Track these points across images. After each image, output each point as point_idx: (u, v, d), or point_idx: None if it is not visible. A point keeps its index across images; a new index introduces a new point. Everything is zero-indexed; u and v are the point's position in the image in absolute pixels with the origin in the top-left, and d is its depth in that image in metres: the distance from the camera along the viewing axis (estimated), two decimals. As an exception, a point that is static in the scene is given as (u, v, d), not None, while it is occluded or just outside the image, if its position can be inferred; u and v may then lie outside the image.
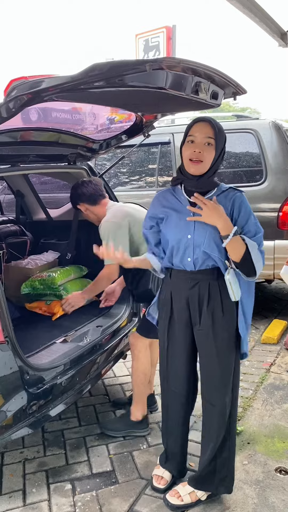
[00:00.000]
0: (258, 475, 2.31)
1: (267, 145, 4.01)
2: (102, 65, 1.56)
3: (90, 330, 2.67)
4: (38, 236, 3.54)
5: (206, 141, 1.83)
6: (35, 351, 2.41)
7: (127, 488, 2.26)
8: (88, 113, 3.06)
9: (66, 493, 2.24)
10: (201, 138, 1.83)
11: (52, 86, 1.66)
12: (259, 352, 3.81)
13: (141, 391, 2.65)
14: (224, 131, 1.90)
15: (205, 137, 1.83)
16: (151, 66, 1.59)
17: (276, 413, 2.86)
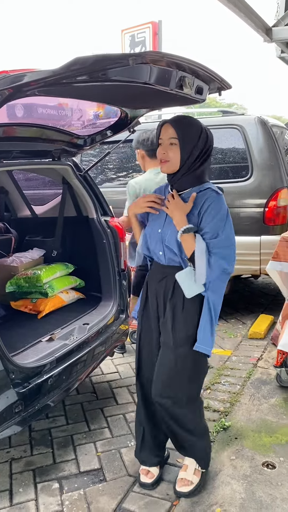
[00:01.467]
0: (246, 470, 2.32)
1: (253, 140, 4.01)
2: (84, 59, 1.53)
3: (76, 328, 2.65)
4: (23, 233, 3.50)
5: (170, 142, 1.91)
6: (21, 350, 2.39)
7: (115, 485, 2.25)
8: (74, 109, 3.03)
9: (54, 492, 2.23)
10: (166, 140, 1.92)
11: (33, 80, 1.63)
12: (246, 347, 3.82)
13: None
14: (196, 131, 1.93)
15: (168, 138, 1.91)
16: (134, 60, 1.57)
17: (264, 407, 2.87)
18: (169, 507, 2.09)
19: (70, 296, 3.08)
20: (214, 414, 2.82)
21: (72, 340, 2.51)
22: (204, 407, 2.86)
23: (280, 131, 4.44)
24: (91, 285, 3.17)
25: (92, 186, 3.02)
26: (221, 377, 3.29)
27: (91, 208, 3.00)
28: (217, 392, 3.08)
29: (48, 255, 3.33)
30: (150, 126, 4.63)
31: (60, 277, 3.09)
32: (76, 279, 3.19)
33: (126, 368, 3.49)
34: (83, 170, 3.02)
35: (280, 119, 6.83)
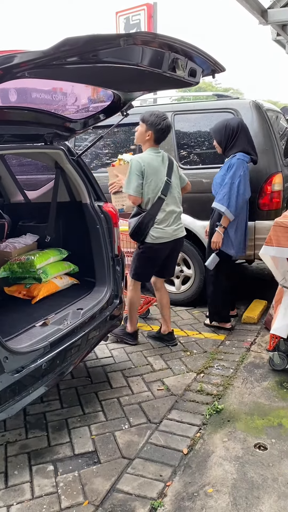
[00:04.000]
0: (238, 451, 2.35)
1: (248, 125, 3.96)
2: (75, 39, 1.51)
3: (70, 313, 2.66)
4: (16, 218, 3.48)
5: None
6: (15, 335, 2.40)
7: (109, 467, 2.28)
8: (69, 93, 2.98)
9: (48, 474, 2.25)
10: None
11: (23, 61, 1.61)
12: (239, 331, 3.85)
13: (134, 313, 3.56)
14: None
15: None
16: (125, 41, 1.55)
17: (256, 391, 2.91)
18: (162, 488, 2.12)
19: (64, 281, 3.08)
20: (207, 397, 2.85)
21: (66, 325, 2.52)
22: (198, 390, 2.93)
23: (275, 116, 4.40)
24: (85, 271, 3.17)
25: (85, 170, 3.00)
26: (215, 361, 3.32)
27: (84, 193, 2.99)
28: (210, 376, 3.12)
29: (41, 241, 3.32)
30: (143, 110, 4.60)
31: (53, 263, 3.08)
32: (70, 264, 3.19)
33: (120, 353, 3.51)
34: (76, 154, 2.99)
35: (276, 104, 6.79)
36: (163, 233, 3.26)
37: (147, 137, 3.20)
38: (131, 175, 3.13)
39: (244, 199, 3.61)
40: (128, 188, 3.15)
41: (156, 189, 3.18)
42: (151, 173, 3.15)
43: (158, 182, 3.18)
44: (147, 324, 4.06)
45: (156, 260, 3.41)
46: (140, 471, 2.24)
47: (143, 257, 3.37)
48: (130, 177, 3.14)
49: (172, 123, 4.30)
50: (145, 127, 3.18)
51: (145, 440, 2.47)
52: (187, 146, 4.39)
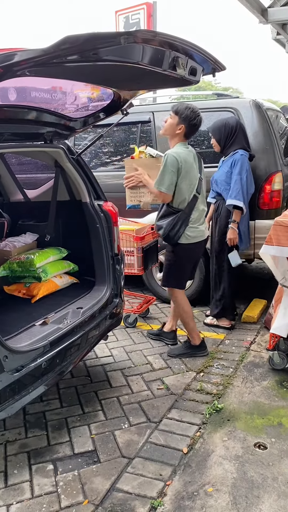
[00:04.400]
0: (238, 450, 2.35)
1: (248, 124, 3.97)
2: (75, 37, 1.50)
3: (70, 312, 2.65)
4: (16, 217, 3.47)
5: None
6: (14, 334, 2.39)
7: (109, 467, 2.28)
8: (68, 92, 2.98)
9: (48, 473, 2.25)
10: None
11: (24, 59, 1.60)
12: (239, 331, 3.85)
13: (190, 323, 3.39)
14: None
15: None
16: (126, 39, 1.54)
17: (256, 390, 2.91)
18: (162, 487, 2.12)
19: (63, 280, 3.08)
20: (207, 397, 2.85)
21: (65, 324, 2.52)
22: (197, 389, 2.92)
23: (275, 115, 4.40)
24: (85, 270, 3.16)
25: (85, 169, 2.99)
26: (214, 361, 3.32)
27: (84, 192, 2.98)
28: (210, 375, 3.11)
29: (41, 240, 3.31)
30: (143, 109, 4.60)
31: (53, 262, 3.08)
32: (70, 263, 3.19)
33: (120, 352, 3.51)
34: (76, 153, 2.98)
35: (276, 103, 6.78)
36: (198, 232, 3.20)
37: (178, 131, 3.06)
38: (166, 171, 2.99)
39: (250, 193, 3.70)
40: (161, 184, 3.01)
41: (191, 187, 3.10)
42: (187, 171, 3.04)
43: (192, 180, 3.11)
44: (147, 323, 4.06)
45: (193, 261, 3.37)
46: (140, 470, 2.24)
47: (180, 259, 3.26)
48: (164, 174, 2.99)
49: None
50: (177, 119, 3.03)
51: (145, 439, 2.47)
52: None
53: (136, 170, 3.23)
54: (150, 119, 4.47)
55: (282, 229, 2.80)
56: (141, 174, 3.18)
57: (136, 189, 3.27)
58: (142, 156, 3.26)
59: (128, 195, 3.34)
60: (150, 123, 4.47)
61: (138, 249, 3.72)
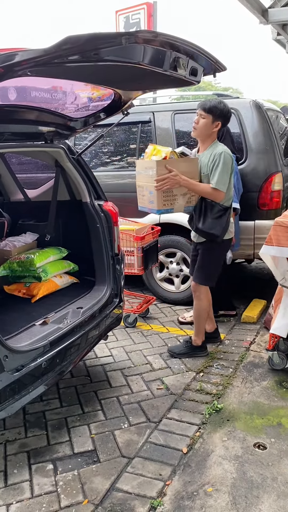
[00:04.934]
0: (237, 450, 2.36)
1: (248, 124, 3.98)
2: (76, 38, 1.50)
3: (70, 312, 2.66)
4: (16, 217, 3.47)
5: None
6: (14, 333, 2.39)
7: (108, 466, 2.28)
8: (68, 92, 2.98)
9: (48, 473, 2.25)
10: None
11: (24, 59, 1.60)
12: (239, 331, 3.85)
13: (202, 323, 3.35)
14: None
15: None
16: (127, 39, 1.54)
17: (256, 390, 2.91)
18: (161, 487, 2.12)
19: (63, 280, 3.08)
20: (206, 397, 2.85)
21: (65, 324, 2.52)
22: (197, 389, 2.93)
23: (275, 115, 4.40)
24: (85, 270, 3.17)
25: (86, 169, 2.99)
26: (214, 361, 3.32)
27: (85, 192, 2.98)
28: (209, 375, 3.12)
29: (41, 240, 3.31)
30: (143, 109, 4.60)
31: (53, 261, 3.08)
32: (70, 263, 3.19)
33: (120, 352, 3.51)
34: (76, 153, 2.98)
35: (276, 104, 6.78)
36: (232, 226, 3.23)
37: (215, 129, 3.01)
38: (226, 170, 2.94)
39: (241, 193, 3.80)
40: (222, 184, 2.94)
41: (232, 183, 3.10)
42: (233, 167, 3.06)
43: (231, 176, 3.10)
44: (147, 323, 4.06)
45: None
46: (139, 470, 2.24)
47: (220, 256, 3.31)
48: (224, 172, 2.93)
49: (172, 122, 4.31)
50: (211, 118, 2.96)
51: (145, 439, 2.47)
52: (187, 146, 4.38)
53: (170, 172, 2.91)
54: (150, 119, 4.47)
55: (282, 229, 2.80)
56: (177, 175, 2.91)
57: (169, 192, 2.97)
58: (173, 157, 3.01)
59: (160, 199, 2.95)
60: (150, 123, 4.47)
61: (138, 249, 3.72)
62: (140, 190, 3.11)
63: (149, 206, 3.05)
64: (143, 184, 3.05)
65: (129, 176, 4.38)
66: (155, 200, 2.94)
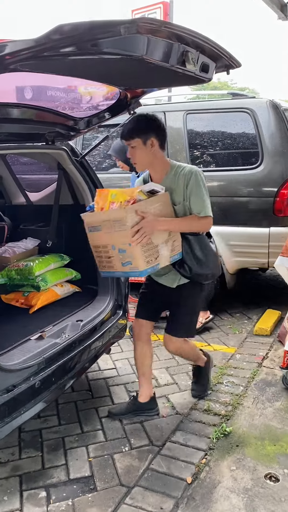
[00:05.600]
0: (247, 482, 2.15)
1: (264, 125, 3.77)
2: (68, 26, 1.32)
3: (69, 325, 2.48)
4: (18, 221, 3.32)
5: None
6: (7, 349, 2.23)
7: (105, 496, 2.10)
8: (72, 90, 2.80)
9: (40, 501, 2.08)
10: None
11: (11, 52, 1.42)
12: (251, 344, 3.64)
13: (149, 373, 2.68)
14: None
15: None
16: (126, 28, 1.35)
17: (268, 412, 2.70)
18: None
19: (64, 289, 2.91)
20: (214, 418, 2.65)
21: (63, 339, 2.35)
22: (205, 409, 2.74)
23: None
24: (88, 278, 2.99)
25: (89, 172, 2.82)
26: (224, 377, 3.12)
27: (88, 196, 2.81)
28: (218, 393, 2.91)
29: (43, 245, 3.15)
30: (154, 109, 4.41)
31: (54, 269, 2.92)
32: (72, 271, 3.02)
33: (124, 364, 3.33)
34: (79, 155, 2.81)
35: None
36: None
37: (153, 148, 2.29)
38: (206, 190, 2.33)
39: None
40: (209, 208, 2.33)
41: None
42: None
43: None
44: (154, 333, 3.86)
45: None
46: (139, 502, 2.05)
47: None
48: (206, 194, 2.33)
49: (184, 123, 4.12)
50: (139, 140, 2.25)
51: (146, 465, 2.29)
52: (200, 147, 4.19)
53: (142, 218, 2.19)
54: (161, 119, 4.27)
55: (300, 239, 2.59)
56: (155, 219, 2.22)
57: (149, 243, 2.23)
58: (140, 198, 2.26)
59: (140, 257, 2.20)
60: (161, 123, 4.27)
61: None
62: (100, 252, 2.36)
63: (125, 269, 2.29)
64: (106, 243, 2.29)
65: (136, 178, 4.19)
66: (134, 259, 2.21)
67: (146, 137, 2.25)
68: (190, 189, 2.30)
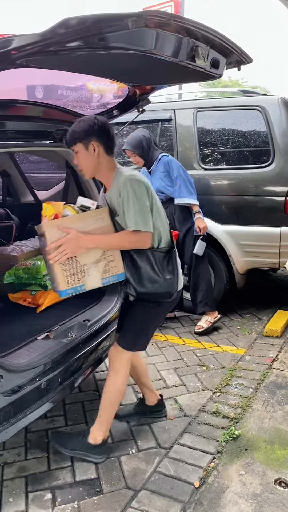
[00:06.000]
0: (256, 487, 2.11)
1: (275, 123, 3.70)
2: (74, 20, 1.29)
3: (76, 325, 2.45)
4: (26, 220, 3.30)
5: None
6: (14, 349, 2.20)
7: (112, 499, 2.07)
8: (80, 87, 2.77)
9: (45, 503, 2.06)
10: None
11: (17, 47, 1.39)
12: (261, 345, 3.58)
13: (111, 411, 2.30)
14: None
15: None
16: (134, 22, 1.31)
17: (278, 415, 2.65)
18: (169, 528, 1.90)
19: (72, 288, 2.88)
20: (223, 421, 2.60)
21: (70, 339, 2.32)
22: (213, 412, 2.69)
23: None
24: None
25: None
26: (233, 379, 3.07)
27: (96, 195, 2.77)
28: (227, 396, 2.87)
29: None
30: (163, 106, 4.37)
31: (62, 268, 2.88)
32: (80, 270, 2.98)
33: (132, 365, 3.29)
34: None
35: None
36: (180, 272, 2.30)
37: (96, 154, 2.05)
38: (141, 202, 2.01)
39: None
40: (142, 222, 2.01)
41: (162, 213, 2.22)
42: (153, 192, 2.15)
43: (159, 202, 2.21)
44: (162, 334, 3.83)
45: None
46: (145, 506, 2.02)
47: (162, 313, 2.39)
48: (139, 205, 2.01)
49: (194, 120, 4.07)
50: (81, 145, 2.05)
51: (153, 468, 2.25)
52: (210, 145, 4.13)
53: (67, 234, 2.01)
54: (171, 116, 4.23)
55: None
56: (79, 236, 2.00)
57: (73, 263, 2.05)
58: (68, 213, 2.11)
59: (61, 276, 2.03)
60: (171, 121, 4.23)
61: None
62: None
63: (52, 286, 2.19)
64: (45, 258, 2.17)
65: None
66: (55, 277, 2.05)
67: (87, 141, 2.03)
68: (122, 200, 2.03)
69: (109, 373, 2.28)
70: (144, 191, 2.04)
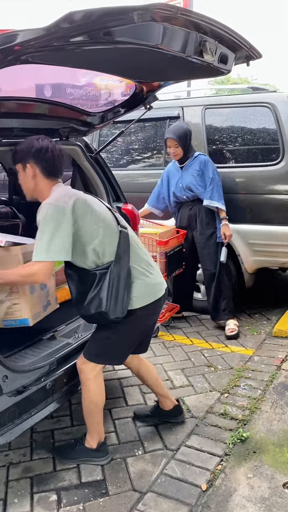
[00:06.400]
0: (264, 491, 2.07)
1: (285, 120, 3.64)
2: (79, 14, 1.26)
3: (81, 325, 2.44)
4: (33, 218, 3.26)
5: None
6: (18, 349, 2.19)
7: (117, 501, 2.04)
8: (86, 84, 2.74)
9: (50, 505, 2.04)
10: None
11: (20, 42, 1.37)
12: (269, 346, 3.53)
13: (96, 418, 2.24)
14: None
15: None
16: (140, 15, 1.28)
17: (286, 417, 2.60)
18: (175, 532, 1.87)
19: (78, 288, 2.85)
20: (231, 422, 2.57)
21: (76, 339, 2.30)
22: (221, 413, 2.66)
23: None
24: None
25: (104, 169, 2.76)
26: (241, 380, 3.03)
27: (102, 193, 2.75)
28: (235, 397, 2.83)
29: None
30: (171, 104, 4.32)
31: (68, 267, 2.86)
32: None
33: (139, 365, 3.26)
34: (95, 150, 2.75)
35: None
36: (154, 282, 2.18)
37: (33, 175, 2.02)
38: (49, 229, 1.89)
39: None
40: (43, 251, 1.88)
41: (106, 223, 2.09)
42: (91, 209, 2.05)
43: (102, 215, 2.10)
44: (169, 334, 3.80)
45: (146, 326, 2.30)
46: (151, 508, 1.99)
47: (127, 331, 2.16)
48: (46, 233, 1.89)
49: (202, 118, 4.02)
50: (20, 165, 2.04)
51: (160, 470, 2.22)
52: (218, 142, 4.09)
53: None
54: (179, 114, 4.19)
55: None
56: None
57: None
58: None
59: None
60: (179, 118, 4.19)
61: (161, 254, 3.47)
62: None
63: None
64: None
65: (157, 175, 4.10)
66: None
67: (25, 163, 2.00)
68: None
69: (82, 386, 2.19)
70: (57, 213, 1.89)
